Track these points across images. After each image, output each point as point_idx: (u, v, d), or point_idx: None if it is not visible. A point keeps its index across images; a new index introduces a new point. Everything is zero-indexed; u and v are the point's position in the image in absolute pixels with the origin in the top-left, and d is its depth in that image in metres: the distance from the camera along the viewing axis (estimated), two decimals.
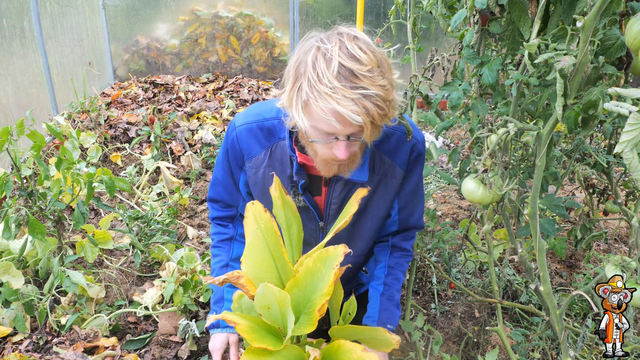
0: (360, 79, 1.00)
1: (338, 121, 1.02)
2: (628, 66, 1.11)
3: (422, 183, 1.46)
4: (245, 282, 0.93)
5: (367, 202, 1.37)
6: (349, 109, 0.98)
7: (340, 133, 1.06)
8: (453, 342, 2.06)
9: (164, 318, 1.96)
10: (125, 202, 3.03)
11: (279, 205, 1.08)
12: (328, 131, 1.06)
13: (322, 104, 1.00)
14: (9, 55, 3.32)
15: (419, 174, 1.42)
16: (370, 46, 1.06)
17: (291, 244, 1.06)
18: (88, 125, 3.80)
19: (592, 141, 2.36)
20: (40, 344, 1.83)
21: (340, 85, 0.99)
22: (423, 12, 1.92)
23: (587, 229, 1.98)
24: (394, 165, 1.34)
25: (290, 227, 1.07)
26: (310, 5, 5.25)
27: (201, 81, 5.41)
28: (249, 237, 0.94)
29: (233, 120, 1.38)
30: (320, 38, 1.06)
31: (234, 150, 1.36)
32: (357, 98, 0.99)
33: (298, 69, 1.05)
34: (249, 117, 1.35)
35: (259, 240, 0.95)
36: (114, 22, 5.27)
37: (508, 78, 1.32)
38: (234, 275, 0.93)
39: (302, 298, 0.91)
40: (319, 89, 1.00)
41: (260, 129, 1.33)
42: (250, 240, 0.94)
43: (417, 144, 1.36)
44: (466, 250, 2.40)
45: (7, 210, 1.81)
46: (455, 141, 4.26)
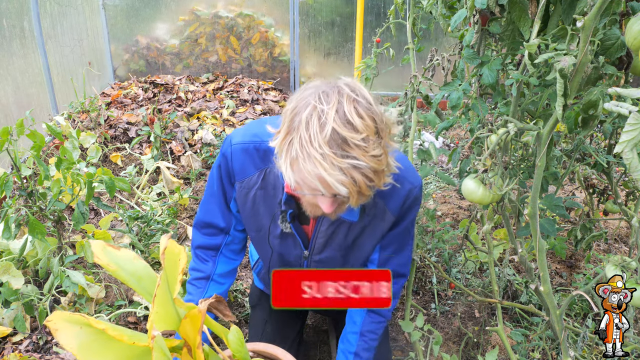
0: (352, 147, 0.96)
1: (323, 187, 1.00)
2: (628, 66, 1.11)
3: (413, 226, 1.41)
4: None
5: (355, 240, 1.36)
6: (335, 178, 0.96)
7: (325, 192, 1.04)
8: (453, 342, 2.06)
9: None
10: (125, 202, 3.03)
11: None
12: (313, 193, 1.05)
13: (310, 167, 0.97)
14: (9, 55, 3.32)
15: (411, 219, 1.37)
16: (370, 110, 1.00)
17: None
18: (88, 125, 3.80)
19: (592, 141, 2.36)
20: (40, 344, 1.83)
21: (331, 152, 0.95)
22: (423, 12, 1.92)
23: (587, 229, 1.98)
24: (386, 210, 1.30)
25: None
26: (310, 5, 5.25)
27: (201, 81, 5.41)
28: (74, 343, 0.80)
29: (230, 135, 1.34)
30: (319, 94, 1.00)
31: (227, 166, 1.34)
32: (346, 168, 0.96)
33: (293, 121, 1.01)
34: (246, 137, 1.32)
35: (90, 335, 0.82)
36: (114, 22, 5.27)
37: (508, 78, 1.32)
38: None
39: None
40: (309, 152, 0.96)
41: (256, 150, 1.30)
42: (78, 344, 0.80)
43: (414, 189, 1.30)
44: (466, 250, 2.40)
45: (7, 210, 1.81)
46: (455, 141, 4.26)
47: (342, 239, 1.34)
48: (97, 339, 0.81)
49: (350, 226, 1.32)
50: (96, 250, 0.88)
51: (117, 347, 0.82)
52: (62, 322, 0.79)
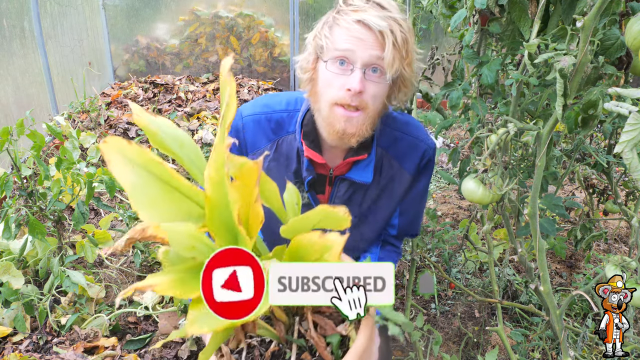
0: (387, 8, 1.08)
1: (361, 29, 1.06)
2: (628, 66, 1.11)
3: (427, 191, 1.43)
4: (154, 230, 0.73)
5: (372, 206, 1.35)
6: (373, 18, 1.05)
7: (359, 53, 1.07)
8: (453, 342, 2.06)
9: (164, 318, 1.96)
10: (125, 202, 3.03)
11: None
12: (349, 47, 1.08)
13: (348, 17, 1.08)
14: (9, 55, 3.32)
15: (426, 181, 1.38)
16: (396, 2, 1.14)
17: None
18: (88, 125, 3.80)
19: (592, 141, 2.36)
20: (40, 344, 1.83)
21: (369, 5, 1.08)
22: (423, 12, 1.92)
23: (587, 229, 1.98)
24: (402, 169, 1.31)
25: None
26: (310, 5, 5.25)
27: (201, 81, 5.41)
28: (127, 182, 0.72)
29: (240, 109, 1.33)
30: None
31: (238, 139, 1.32)
32: (384, 16, 1.06)
33: (326, 15, 1.15)
34: (257, 108, 1.31)
35: (143, 178, 0.73)
36: (114, 22, 5.27)
37: (508, 78, 1.33)
38: (136, 231, 0.73)
39: (225, 217, 0.77)
40: (347, 9, 1.09)
41: (268, 121, 1.29)
42: (131, 184, 0.72)
43: (429, 150, 1.32)
44: (466, 250, 2.40)
45: (7, 210, 1.81)
46: (455, 141, 4.26)
47: (358, 204, 1.33)
48: (153, 183, 0.74)
49: (366, 191, 1.31)
50: (135, 110, 0.80)
51: (175, 197, 0.76)
52: (115, 154, 0.70)
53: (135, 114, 0.79)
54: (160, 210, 0.75)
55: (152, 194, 0.74)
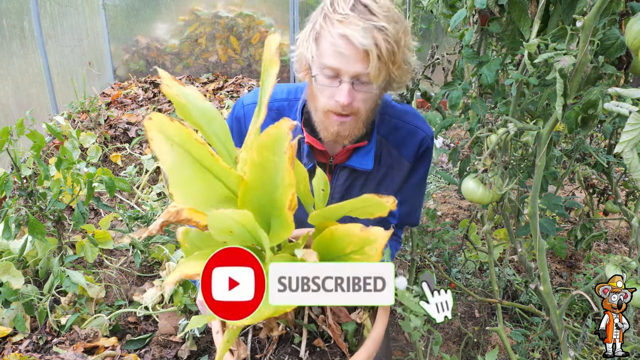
0: (374, 15, 1.04)
1: (345, 46, 1.04)
2: (628, 66, 1.11)
3: (426, 180, 1.45)
4: (189, 213, 0.72)
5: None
6: (358, 34, 1.02)
7: (345, 69, 1.06)
8: (453, 342, 2.06)
9: (164, 318, 1.96)
10: (125, 202, 3.03)
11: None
12: (334, 66, 1.07)
13: (332, 30, 1.04)
14: (9, 55, 3.32)
15: (425, 169, 1.40)
16: (390, 3, 1.10)
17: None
18: (88, 125, 3.80)
19: (592, 141, 2.36)
20: (40, 344, 1.83)
21: (353, 14, 1.03)
22: (423, 12, 1.92)
23: (587, 229, 1.98)
24: (401, 157, 1.33)
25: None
26: (310, 5, 5.24)
27: (201, 81, 5.41)
28: (166, 162, 0.71)
29: (241, 98, 1.35)
30: None
31: (240, 128, 1.34)
32: (368, 27, 1.03)
33: (316, 13, 1.11)
34: (258, 97, 1.33)
35: (180, 158, 0.72)
36: (114, 22, 5.27)
37: (508, 78, 1.32)
38: (171, 213, 0.72)
39: (264, 200, 0.75)
40: (332, 18, 1.05)
41: (269, 110, 1.29)
42: (170, 164, 0.71)
43: (427, 138, 1.34)
44: (466, 250, 2.40)
45: (7, 210, 1.81)
46: (455, 141, 4.26)
47: (358, 192, 1.34)
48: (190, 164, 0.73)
49: (366, 179, 1.32)
50: (165, 79, 0.78)
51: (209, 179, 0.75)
52: (156, 132, 0.69)
53: (165, 84, 0.78)
54: (194, 191, 0.74)
55: (187, 175, 0.73)
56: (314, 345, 0.88)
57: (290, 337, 0.89)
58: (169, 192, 0.74)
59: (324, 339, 0.89)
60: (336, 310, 0.93)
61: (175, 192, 0.73)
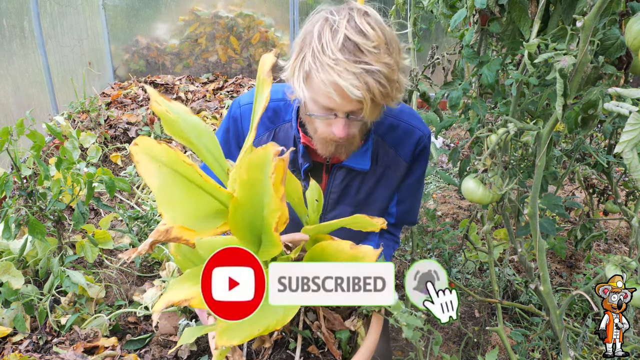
0: (364, 54, 0.99)
1: (337, 94, 1.00)
2: (628, 66, 1.11)
3: (423, 179, 1.45)
4: (179, 232, 0.73)
5: (368, 194, 1.36)
6: (349, 82, 0.97)
7: (339, 109, 1.05)
8: (453, 342, 2.06)
9: (164, 318, 1.96)
10: (125, 202, 3.03)
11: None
12: (327, 105, 1.05)
13: (323, 76, 0.99)
14: (9, 55, 3.32)
15: (422, 169, 1.40)
16: (380, 24, 1.04)
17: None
18: (88, 125, 3.80)
19: (592, 141, 2.36)
20: (40, 344, 1.83)
21: (344, 58, 0.98)
22: (423, 12, 1.92)
23: (587, 229, 1.98)
24: (398, 157, 1.32)
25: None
26: (310, 5, 5.24)
27: (201, 81, 5.41)
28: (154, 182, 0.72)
29: (237, 99, 1.34)
30: (330, 10, 1.05)
31: (236, 128, 1.33)
32: (359, 73, 0.98)
33: (304, 40, 1.04)
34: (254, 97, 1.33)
35: (169, 177, 0.73)
36: (114, 22, 5.27)
37: (508, 78, 1.32)
38: (160, 232, 0.72)
39: (253, 217, 0.76)
40: (322, 60, 0.99)
41: (265, 110, 1.30)
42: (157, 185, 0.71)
43: (424, 137, 1.33)
44: (466, 250, 2.40)
45: (7, 210, 1.81)
46: (455, 141, 4.26)
47: (355, 192, 1.34)
48: (179, 182, 0.73)
49: (363, 178, 1.32)
50: (153, 97, 0.78)
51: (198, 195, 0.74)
52: (143, 155, 0.70)
53: (154, 100, 0.78)
54: (183, 209, 0.74)
55: (176, 193, 0.73)
56: (308, 351, 0.88)
57: (286, 342, 0.89)
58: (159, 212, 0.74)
59: (318, 346, 0.89)
60: (330, 318, 0.93)
61: (164, 211, 0.73)
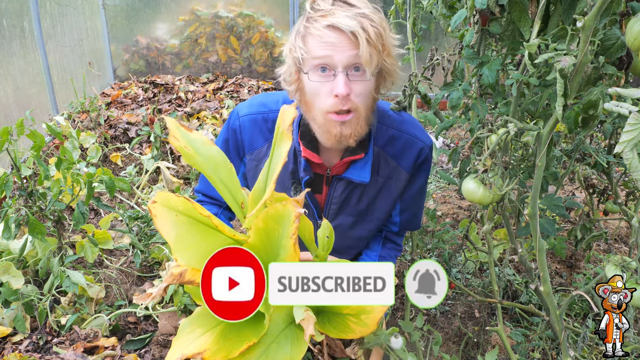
0: (355, 6, 1.07)
1: (333, 35, 1.05)
2: (628, 66, 1.11)
3: (425, 188, 1.45)
4: (192, 275, 0.75)
5: (369, 204, 1.35)
6: (344, 21, 1.04)
7: (336, 59, 1.07)
8: (453, 342, 2.06)
9: (164, 318, 1.96)
10: (125, 202, 3.03)
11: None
12: (324, 55, 1.07)
13: (318, 24, 1.06)
14: (9, 55, 3.32)
15: (424, 179, 1.39)
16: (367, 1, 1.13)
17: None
18: (88, 125, 3.80)
19: (592, 141, 2.36)
20: (40, 344, 1.83)
21: (336, 7, 1.06)
22: (423, 12, 1.92)
23: (587, 229, 1.98)
24: (399, 168, 1.32)
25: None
26: None
27: (201, 81, 5.41)
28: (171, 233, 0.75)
29: (236, 108, 1.34)
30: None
31: (235, 139, 1.33)
32: (353, 15, 1.05)
33: (298, 22, 1.13)
34: (253, 107, 1.31)
35: (184, 225, 0.76)
36: (114, 22, 5.27)
37: (508, 78, 1.32)
38: (174, 275, 0.74)
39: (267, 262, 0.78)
40: (315, 16, 1.08)
41: (265, 121, 1.28)
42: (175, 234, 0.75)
43: (425, 148, 1.33)
44: (466, 250, 2.40)
45: (7, 210, 1.81)
46: (455, 141, 4.26)
47: (355, 203, 1.33)
48: (195, 227, 0.76)
49: (364, 189, 1.31)
50: (172, 129, 0.81)
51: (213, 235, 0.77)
52: (161, 208, 0.74)
53: (172, 135, 0.81)
54: (199, 250, 0.77)
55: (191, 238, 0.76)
56: None
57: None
58: (172, 256, 0.78)
59: None
60: (332, 344, 0.93)
61: (179, 256, 0.76)
